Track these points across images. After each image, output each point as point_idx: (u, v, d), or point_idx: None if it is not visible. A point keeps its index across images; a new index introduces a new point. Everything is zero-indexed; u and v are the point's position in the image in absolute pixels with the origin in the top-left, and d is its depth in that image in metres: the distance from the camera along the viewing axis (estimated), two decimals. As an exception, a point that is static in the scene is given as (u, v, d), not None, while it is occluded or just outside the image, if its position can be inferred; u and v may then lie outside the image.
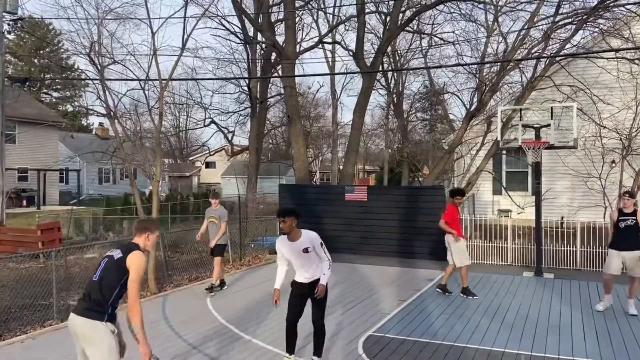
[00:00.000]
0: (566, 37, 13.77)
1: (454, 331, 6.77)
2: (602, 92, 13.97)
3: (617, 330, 6.81)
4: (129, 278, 3.90)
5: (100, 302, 3.84)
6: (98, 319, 3.82)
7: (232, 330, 6.88)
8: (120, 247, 4.10)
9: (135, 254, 3.96)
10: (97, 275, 3.94)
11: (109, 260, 3.98)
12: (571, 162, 14.93)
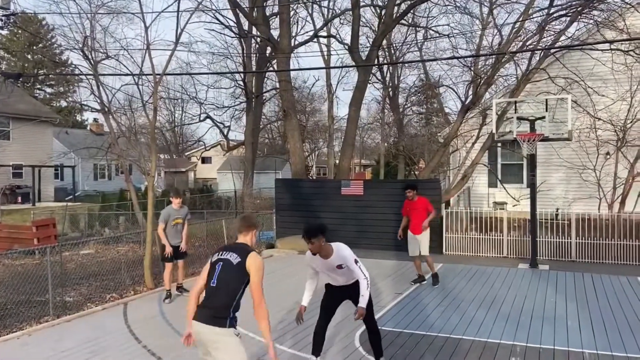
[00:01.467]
0: (561, 29, 13.77)
1: (449, 323, 6.81)
2: (597, 84, 14.00)
3: (613, 321, 6.86)
4: (252, 281, 3.82)
5: (224, 308, 3.77)
6: (224, 325, 3.76)
7: (229, 324, 6.88)
8: (232, 249, 3.93)
9: (254, 256, 3.87)
10: (215, 281, 3.80)
11: (227, 265, 3.83)
12: (566, 154, 14.98)
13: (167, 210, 8.27)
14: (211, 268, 3.88)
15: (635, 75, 13.23)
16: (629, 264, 10.90)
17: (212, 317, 3.74)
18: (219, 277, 3.81)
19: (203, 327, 3.75)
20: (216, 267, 3.85)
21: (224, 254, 3.90)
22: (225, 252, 3.91)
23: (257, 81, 24.31)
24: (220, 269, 3.83)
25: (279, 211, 14.17)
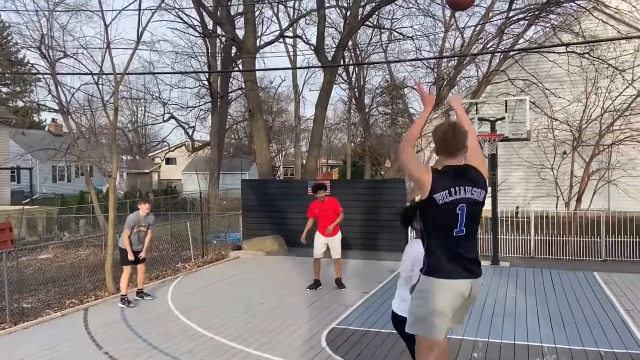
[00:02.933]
0: (519, 32, 14.19)
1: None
2: (554, 86, 14.47)
3: (570, 316, 7.10)
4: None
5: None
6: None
7: (195, 328, 6.80)
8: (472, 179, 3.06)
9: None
10: (461, 227, 3.00)
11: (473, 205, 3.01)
12: (525, 153, 15.42)
13: (134, 217, 8.10)
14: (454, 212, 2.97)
15: (590, 77, 13.73)
16: (586, 259, 11.29)
17: (479, 265, 3.14)
18: (465, 223, 3.00)
19: (480, 279, 3.14)
20: (457, 210, 2.97)
21: (465, 192, 2.98)
22: (466, 188, 2.99)
23: (223, 81, 24.08)
24: (464, 213, 2.98)
25: (245, 212, 14.07)
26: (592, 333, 6.33)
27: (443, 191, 2.91)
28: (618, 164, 14.03)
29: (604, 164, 14.08)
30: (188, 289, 9.11)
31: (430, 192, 2.90)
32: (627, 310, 7.25)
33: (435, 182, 2.91)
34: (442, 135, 3.07)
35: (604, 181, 14.04)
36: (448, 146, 3.04)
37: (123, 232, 8.05)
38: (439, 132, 3.08)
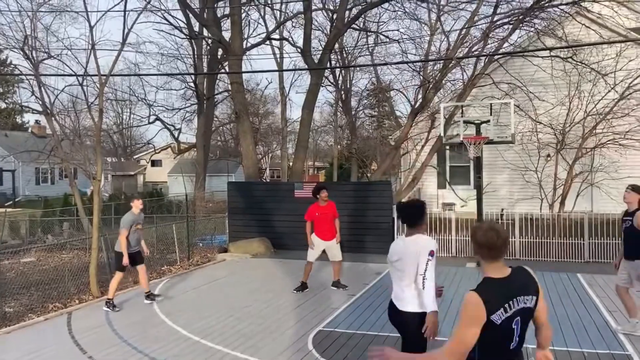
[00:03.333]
0: (504, 36, 14.33)
1: (401, 323, 6.94)
2: (538, 90, 14.64)
3: (555, 316, 7.15)
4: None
5: None
6: None
7: (180, 332, 6.75)
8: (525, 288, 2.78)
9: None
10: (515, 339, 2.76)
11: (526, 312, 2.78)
12: (510, 156, 15.57)
13: (131, 216, 7.97)
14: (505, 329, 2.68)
15: (573, 81, 13.92)
16: (569, 261, 11.44)
17: None
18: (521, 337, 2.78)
19: None
20: (513, 325, 2.71)
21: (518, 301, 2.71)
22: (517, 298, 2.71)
23: (209, 83, 24.00)
24: (520, 324, 2.73)
25: (231, 215, 14.02)
26: (576, 334, 6.41)
27: (498, 310, 2.67)
28: (601, 167, 14.23)
29: (587, 167, 14.28)
30: (173, 292, 9.05)
31: (487, 316, 2.64)
32: (610, 311, 7.36)
33: (488, 306, 2.64)
34: (485, 240, 2.75)
35: (587, 184, 14.23)
36: (492, 253, 2.77)
37: (120, 235, 7.88)
38: (481, 237, 2.76)
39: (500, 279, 2.75)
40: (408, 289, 3.98)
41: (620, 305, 7.67)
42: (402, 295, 4.02)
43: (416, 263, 3.94)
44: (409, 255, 3.97)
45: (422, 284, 3.92)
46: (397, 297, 4.08)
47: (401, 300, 4.03)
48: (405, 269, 3.98)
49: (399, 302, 4.06)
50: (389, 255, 4.16)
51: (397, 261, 4.06)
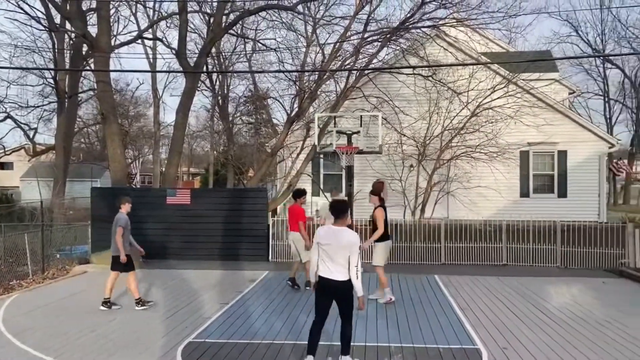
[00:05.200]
0: (373, 53, 15.22)
1: (273, 329, 6.99)
2: (403, 104, 15.76)
3: (415, 317, 7.73)
4: None
5: None
6: None
7: (30, 352, 6.11)
8: None
9: None
10: None
11: None
12: (377, 165, 16.52)
13: (125, 216, 8.39)
14: None
15: (433, 98, 15.21)
16: (429, 263, 12.42)
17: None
18: None
19: None
20: None
21: None
22: None
23: (72, 80, 22.12)
24: None
25: (95, 223, 13.04)
26: (433, 332, 6.96)
27: None
28: (455, 177, 15.71)
29: (444, 177, 15.67)
30: (24, 309, 8.17)
31: None
32: (462, 309, 8.11)
33: None
34: None
35: (444, 192, 15.61)
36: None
37: (117, 235, 8.19)
38: None
39: None
40: (340, 266, 5.31)
41: (470, 301, 8.51)
42: (335, 270, 5.32)
43: (347, 253, 5.27)
44: (340, 244, 5.28)
45: (356, 274, 5.28)
46: (330, 272, 5.34)
47: (336, 273, 5.32)
48: (338, 253, 5.29)
49: (332, 275, 5.33)
50: (318, 238, 5.42)
51: (327, 245, 5.33)
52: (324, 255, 5.35)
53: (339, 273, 5.30)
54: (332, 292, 5.40)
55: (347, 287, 5.32)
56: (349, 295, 5.37)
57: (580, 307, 8.24)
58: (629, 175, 34.39)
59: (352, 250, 5.26)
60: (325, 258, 5.34)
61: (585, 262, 12.01)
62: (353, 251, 5.26)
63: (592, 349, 6.19)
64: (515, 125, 15.10)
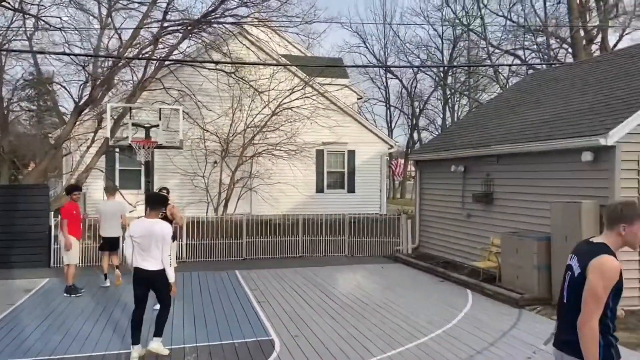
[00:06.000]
0: (174, 44, 14.65)
1: (51, 343, 6.23)
2: (206, 99, 15.53)
3: (212, 314, 7.66)
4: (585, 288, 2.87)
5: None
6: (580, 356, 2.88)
7: None
8: (578, 252, 3.08)
9: (599, 261, 2.84)
10: (564, 294, 3.09)
11: (571, 277, 3.03)
12: (179, 161, 16.00)
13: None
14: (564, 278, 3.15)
15: (236, 95, 15.31)
16: (230, 259, 12.48)
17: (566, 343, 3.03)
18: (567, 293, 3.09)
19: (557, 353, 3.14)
20: (565, 277, 3.13)
21: (571, 259, 3.11)
22: (573, 256, 3.11)
23: None
24: (568, 281, 3.09)
25: None
26: (230, 327, 6.99)
27: None
28: (258, 174, 16.07)
29: (247, 173, 15.91)
30: None
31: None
32: (259, 302, 8.32)
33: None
34: None
35: (247, 189, 15.86)
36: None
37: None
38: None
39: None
40: (153, 257, 5.63)
41: (267, 294, 8.78)
42: (149, 260, 5.62)
43: (161, 244, 5.61)
44: (153, 235, 5.59)
45: (170, 262, 5.76)
46: (144, 263, 5.63)
47: (150, 264, 5.63)
48: (151, 244, 5.59)
49: (146, 265, 5.63)
50: (131, 232, 5.67)
51: (140, 237, 5.60)
52: (138, 248, 5.63)
53: (153, 263, 5.63)
54: (146, 282, 5.70)
55: (161, 275, 5.67)
56: (163, 282, 5.71)
57: (362, 292, 9.15)
58: (404, 172, 39.50)
59: (165, 241, 5.63)
60: (140, 250, 5.63)
61: (369, 250, 13.40)
62: (165, 241, 5.64)
63: (370, 329, 6.90)
64: (311, 126, 16.07)
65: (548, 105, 10.79)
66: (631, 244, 2.95)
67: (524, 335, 6.60)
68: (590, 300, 2.80)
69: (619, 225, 2.92)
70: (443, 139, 13.96)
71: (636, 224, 2.91)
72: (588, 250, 2.95)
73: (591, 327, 2.79)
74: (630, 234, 2.91)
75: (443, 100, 40.16)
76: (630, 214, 2.92)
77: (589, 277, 2.82)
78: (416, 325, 7.03)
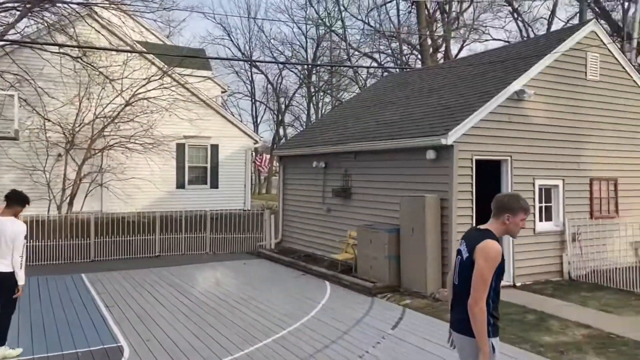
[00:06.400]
0: (10, 22, 12.97)
1: None
2: (48, 85, 13.99)
3: (53, 322, 6.90)
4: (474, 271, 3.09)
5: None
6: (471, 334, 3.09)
7: None
8: (467, 237, 3.30)
9: (484, 245, 3.08)
10: (456, 277, 3.30)
11: (460, 261, 3.26)
12: (16, 154, 14.20)
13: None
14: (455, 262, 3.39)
15: (84, 82, 14.01)
16: (76, 262, 11.42)
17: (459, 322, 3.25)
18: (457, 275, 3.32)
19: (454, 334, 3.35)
20: (456, 261, 3.37)
21: (461, 244, 3.35)
22: (463, 242, 3.34)
23: None
24: (458, 265, 3.31)
25: None
26: (72, 335, 6.36)
27: None
28: (109, 168, 14.87)
29: (96, 168, 14.65)
30: None
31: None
32: (108, 307, 7.70)
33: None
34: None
35: (96, 184, 14.60)
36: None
37: None
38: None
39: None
40: (3, 257, 5.41)
41: (117, 297, 8.17)
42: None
43: (12, 242, 5.39)
44: (5, 234, 5.38)
45: (20, 263, 5.46)
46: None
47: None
48: (2, 244, 5.38)
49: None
50: None
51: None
52: None
53: (2, 264, 5.40)
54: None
55: (8, 278, 5.42)
56: (10, 285, 5.44)
57: (221, 289, 8.96)
58: (269, 168, 39.84)
59: (17, 241, 5.41)
60: None
61: (232, 246, 13.20)
62: (18, 241, 5.42)
63: (227, 326, 6.76)
64: (170, 118, 15.29)
65: (399, 107, 11.57)
66: (512, 232, 3.24)
67: (375, 322, 6.96)
68: (479, 282, 3.02)
69: (504, 215, 3.20)
70: (306, 136, 14.25)
71: (519, 215, 3.20)
72: (475, 236, 3.19)
73: (481, 307, 3.00)
74: (512, 223, 3.20)
75: (308, 98, 41.19)
76: (515, 206, 3.20)
77: (477, 261, 3.06)
78: (274, 320, 7.05)
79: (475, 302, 3.01)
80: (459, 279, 3.23)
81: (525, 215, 3.24)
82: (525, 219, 3.27)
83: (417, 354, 5.73)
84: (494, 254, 3.05)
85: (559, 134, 9.57)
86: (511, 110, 9.01)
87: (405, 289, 8.56)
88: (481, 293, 3.01)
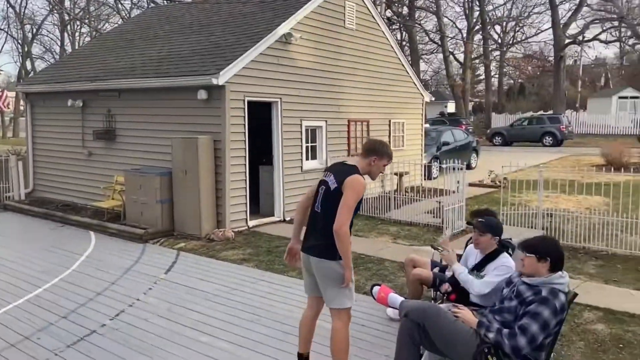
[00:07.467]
0: None
1: None
2: None
3: None
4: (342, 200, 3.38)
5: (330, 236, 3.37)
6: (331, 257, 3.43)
7: None
8: (334, 171, 3.55)
9: (353, 179, 3.40)
10: (318, 205, 3.54)
11: (326, 191, 3.50)
12: None
13: None
14: (317, 191, 3.59)
15: None
16: None
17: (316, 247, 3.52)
18: (321, 204, 3.54)
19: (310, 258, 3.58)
20: (319, 190, 3.57)
21: (326, 175, 3.57)
22: (328, 174, 3.56)
23: None
24: (322, 195, 3.53)
25: None
26: None
27: None
28: None
29: None
30: None
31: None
32: None
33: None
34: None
35: None
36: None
37: None
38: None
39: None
40: None
41: None
42: None
43: None
44: None
45: None
46: None
47: None
48: None
49: None
50: None
51: None
52: None
53: None
54: None
55: None
56: None
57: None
58: (15, 107, 34.09)
59: None
60: None
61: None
62: None
63: (-35, 294, 5.69)
64: None
65: (167, 42, 10.84)
66: (373, 174, 3.62)
67: (147, 269, 6.68)
68: (345, 210, 3.32)
69: (372, 157, 3.56)
70: (59, 70, 12.41)
71: (383, 160, 3.58)
72: (344, 170, 3.48)
73: (345, 231, 3.32)
74: (375, 166, 3.58)
75: (61, 27, 35.96)
76: (383, 151, 3.59)
77: (345, 191, 3.36)
78: (28, 279, 6.20)
79: (341, 226, 3.29)
80: (322, 207, 3.49)
81: (388, 162, 3.63)
82: (386, 166, 3.65)
83: (189, 294, 5.70)
84: (361, 187, 3.39)
85: (322, 78, 10.24)
86: (280, 53, 9.25)
87: (179, 232, 8.38)
88: (347, 219, 3.32)
